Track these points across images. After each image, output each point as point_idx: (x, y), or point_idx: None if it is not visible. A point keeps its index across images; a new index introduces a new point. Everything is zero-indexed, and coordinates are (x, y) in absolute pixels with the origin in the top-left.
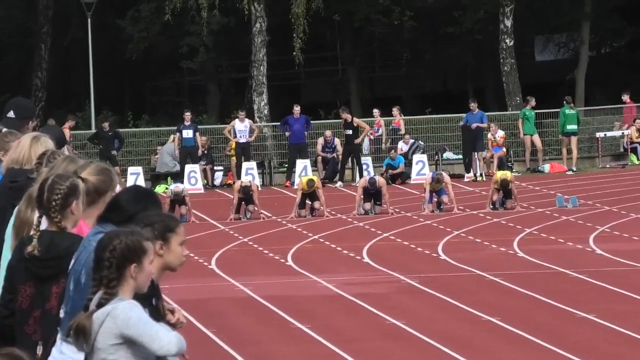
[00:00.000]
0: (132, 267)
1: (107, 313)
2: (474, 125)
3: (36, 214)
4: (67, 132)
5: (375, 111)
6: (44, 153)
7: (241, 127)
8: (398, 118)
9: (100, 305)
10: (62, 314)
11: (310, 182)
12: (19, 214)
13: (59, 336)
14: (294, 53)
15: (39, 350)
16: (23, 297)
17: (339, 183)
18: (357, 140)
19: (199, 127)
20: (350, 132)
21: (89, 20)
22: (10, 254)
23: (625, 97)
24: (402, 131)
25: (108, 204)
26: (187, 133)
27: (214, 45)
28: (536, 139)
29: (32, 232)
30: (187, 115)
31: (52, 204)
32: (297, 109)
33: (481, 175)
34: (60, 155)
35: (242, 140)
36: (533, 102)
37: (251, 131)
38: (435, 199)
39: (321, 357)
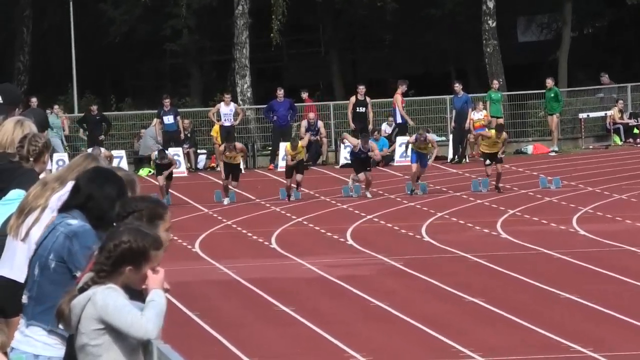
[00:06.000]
0: (128, 268)
1: (88, 298)
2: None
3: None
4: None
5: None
6: (25, 136)
7: (226, 111)
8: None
9: (82, 289)
10: (24, 300)
11: (294, 142)
12: (28, 197)
13: (22, 320)
14: (271, 35)
15: None
16: None
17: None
18: (370, 127)
19: (179, 110)
20: (363, 109)
21: (71, 3)
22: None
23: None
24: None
25: (71, 188)
26: (168, 119)
27: (197, 28)
28: (501, 122)
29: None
30: (167, 101)
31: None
32: (280, 92)
33: (465, 157)
34: (42, 139)
35: (227, 123)
36: (495, 84)
37: (236, 114)
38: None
39: (305, 339)
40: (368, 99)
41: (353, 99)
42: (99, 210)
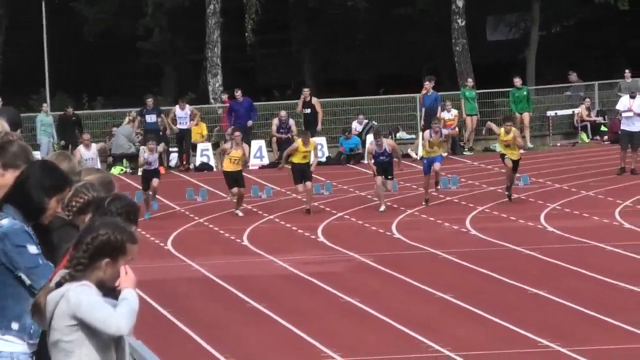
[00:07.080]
0: (105, 261)
1: (61, 294)
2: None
3: None
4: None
5: None
6: None
7: (181, 114)
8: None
9: (59, 284)
10: None
11: (305, 137)
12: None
13: None
14: (245, 34)
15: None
16: None
17: None
18: (318, 128)
19: (161, 109)
20: (309, 110)
21: (43, 2)
22: None
23: None
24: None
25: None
26: (150, 117)
27: (170, 27)
28: (475, 119)
29: None
30: (149, 100)
31: (71, 204)
32: (238, 93)
33: None
34: (14, 137)
35: (183, 126)
36: (470, 82)
37: (192, 117)
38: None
39: (277, 335)
40: (315, 99)
41: (301, 101)
42: (28, 201)
